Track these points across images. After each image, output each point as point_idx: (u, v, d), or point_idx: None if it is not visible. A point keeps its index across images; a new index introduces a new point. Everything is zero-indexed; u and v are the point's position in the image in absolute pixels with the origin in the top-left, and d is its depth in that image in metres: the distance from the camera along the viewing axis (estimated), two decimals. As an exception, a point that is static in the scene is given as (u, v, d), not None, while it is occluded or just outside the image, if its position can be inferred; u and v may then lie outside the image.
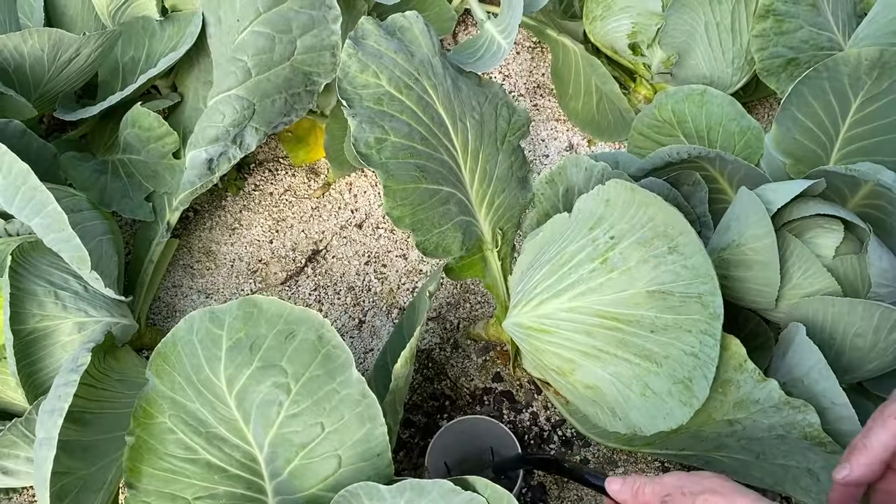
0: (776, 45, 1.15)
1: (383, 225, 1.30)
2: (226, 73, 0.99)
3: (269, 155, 1.37)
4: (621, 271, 0.86)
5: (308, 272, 1.26)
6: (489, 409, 1.12)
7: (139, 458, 0.78)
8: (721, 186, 1.06)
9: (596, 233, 0.90)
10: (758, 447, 0.88)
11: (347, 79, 0.89)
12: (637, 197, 0.89)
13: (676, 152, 0.97)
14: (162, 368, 0.78)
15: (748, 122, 1.10)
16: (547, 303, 0.90)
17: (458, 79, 1.01)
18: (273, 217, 1.31)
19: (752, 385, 0.84)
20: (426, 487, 0.68)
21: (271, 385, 0.75)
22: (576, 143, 1.38)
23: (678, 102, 1.13)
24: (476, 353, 1.17)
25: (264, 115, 1.03)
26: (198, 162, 1.02)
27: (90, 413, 0.87)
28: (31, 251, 0.94)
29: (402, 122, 0.91)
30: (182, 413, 0.78)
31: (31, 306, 0.90)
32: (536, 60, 1.47)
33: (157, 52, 1.18)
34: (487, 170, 1.01)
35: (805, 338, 0.81)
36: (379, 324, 1.21)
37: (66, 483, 0.79)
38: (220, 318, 0.77)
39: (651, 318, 0.85)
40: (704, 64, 1.25)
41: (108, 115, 1.21)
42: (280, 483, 0.78)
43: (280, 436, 0.76)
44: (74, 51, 1.04)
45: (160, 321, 1.24)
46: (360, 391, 0.75)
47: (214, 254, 1.28)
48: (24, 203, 0.88)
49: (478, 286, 1.23)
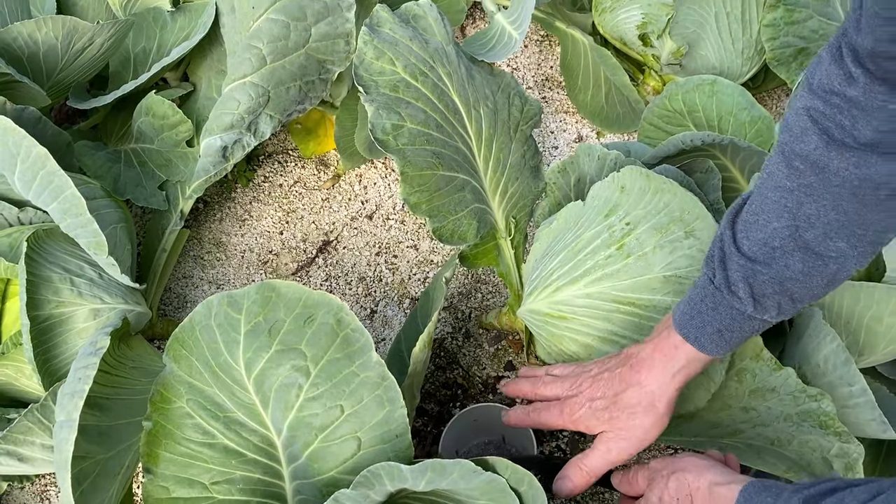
0: (786, 35, 1.16)
1: (394, 216, 1.30)
2: (241, 60, 0.99)
3: (279, 147, 1.37)
4: (637, 257, 0.87)
5: (319, 263, 1.26)
6: (501, 397, 1.12)
7: (156, 443, 0.78)
8: (732, 175, 1.07)
9: (611, 219, 0.90)
10: (772, 434, 0.88)
11: (363, 66, 0.90)
12: (652, 183, 0.89)
13: (690, 139, 0.97)
14: (179, 353, 0.78)
15: (759, 111, 1.10)
16: (563, 289, 0.91)
17: (471, 68, 1.02)
18: (283, 208, 1.31)
19: (769, 373, 0.84)
20: (447, 467, 0.68)
21: (290, 368, 0.76)
22: (585, 135, 1.39)
23: (688, 92, 1.14)
24: (488, 342, 1.17)
25: (279, 103, 1.03)
26: (212, 149, 1.03)
27: (106, 399, 0.87)
28: (47, 238, 0.94)
29: (418, 108, 0.91)
30: (200, 397, 0.78)
31: (46, 293, 0.90)
32: (545, 53, 1.47)
33: (168, 43, 1.18)
34: (501, 158, 1.02)
35: (822, 322, 0.81)
36: (390, 314, 1.22)
37: (84, 467, 0.79)
38: (238, 302, 0.77)
39: (668, 302, 0.86)
40: (714, 54, 1.25)
41: (119, 106, 1.21)
42: (298, 467, 0.78)
43: (299, 419, 0.76)
44: (88, 39, 1.05)
45: (171, 312, 1.24)
46: (379, 374, 0.75)
47: (225, 245, 1.29)
48: (42, 188, 0.88)
49: (489, 276, 1.24)
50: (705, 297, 0.71)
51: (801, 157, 0.62)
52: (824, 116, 0.59)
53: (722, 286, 0.69)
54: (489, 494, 0.72)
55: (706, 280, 0.71)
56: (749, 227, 0.68)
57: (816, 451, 0.85)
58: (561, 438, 1.10)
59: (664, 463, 0.75)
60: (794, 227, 0.64)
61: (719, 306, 0.70)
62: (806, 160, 0.61)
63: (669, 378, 0.75)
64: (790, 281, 0.67)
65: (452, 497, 0.76)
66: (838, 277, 0.67)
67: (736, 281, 0.68)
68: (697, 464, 0.72)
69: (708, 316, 0.71)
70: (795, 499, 0.57)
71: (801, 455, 0.87)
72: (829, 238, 0.63)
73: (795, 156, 0.62)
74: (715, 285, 0.70)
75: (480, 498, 0.73)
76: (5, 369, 0.93)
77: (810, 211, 0.63)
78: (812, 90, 0.60)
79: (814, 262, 0.65)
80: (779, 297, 0.68)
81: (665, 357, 0.75)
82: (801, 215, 0.64)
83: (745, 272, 0.68)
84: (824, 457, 0.84)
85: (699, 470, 0.70)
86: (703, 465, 0.71)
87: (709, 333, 0.72)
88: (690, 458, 0.73)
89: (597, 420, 0.78)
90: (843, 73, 0.57)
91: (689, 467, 0.71)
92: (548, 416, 0.83)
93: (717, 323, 0.71)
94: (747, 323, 0.71)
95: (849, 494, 0.55)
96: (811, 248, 0.65)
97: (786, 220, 0.65)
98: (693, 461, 0.72)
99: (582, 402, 0.79)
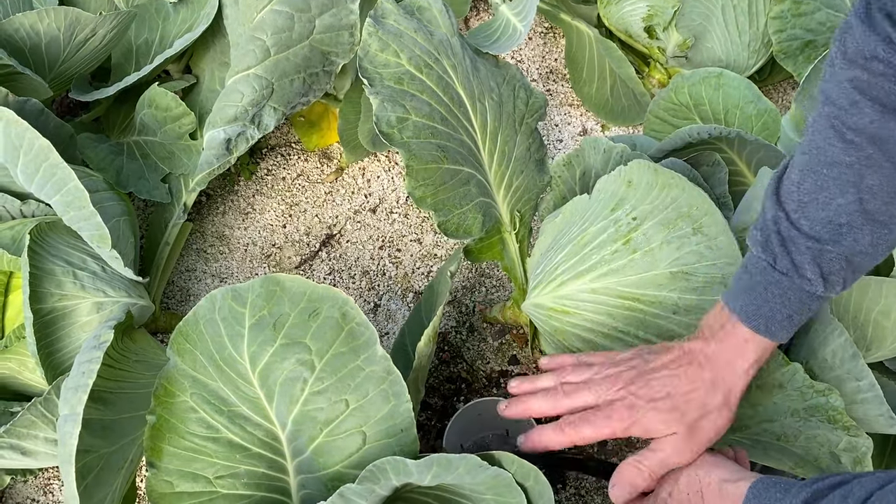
0: (793, 28, 1.15)
1: (397, 209, 1.29)
2: (244, 52, 0.98)
3: (282, 140, 1.36)
4: (644, 252, 0.86)
5: (322, 256, 1.26)
6: (506, 391, 1.12)
7: (160, 437, 0.77)
8: (739, 168, 1.06)
9: (618, 214, 0.90)
10: (779, 429, 0.87)
11: (368, 57, 0.89)
12: (660, 178, 0.89)
13: (696, 132, 0.97)
14: (183, 347, 0.78)
15: (765, 104, 1.10)
16: (568, 284, 0.90)
17: (476, 60, 1.01)
18: (286, 202, 1.30)
19: (776, 368, 0.84)
20: (453, 462, 0.68)
21: (295, 362, 0.75)
22: (589, 128, 1.38)
23: (695, 85, 1.13)
24: (492, 336, 1.16)
25: (283, 95, 1.02)
26: (216, 142, 1.02)
27: (109, 392, 0.87)
28: (49, 231, 0.94)
29: (422, 101, 0.90)
30: (204, 391, 0.78)
31: (49, 286, 0.90)
32: (549, 45, 1.47)
33: (170, 35, 1.17)
34: (506, 151, 1.01)
35: (829, 316, 0.80)
36: (394, 307, 1.21)
37: (88, 461, 0.79)
38: (242, 295, 0.77)
39: (674, 299, 0.85)
40: (720, 47, 1.24)
41: (122, 98, 1.20)
42: (302, 461, 0.78)
43: (304, 413, 0.76)
44: (90, 31, 1.04)
45: (174, 305, 1.23)
46: (384, 368, 0.75)
47: (228, 238, 1.28)
48: (45, 180, 0.87)
49: (493, 270, 1.23)
50: (770, 285, 0.69)
51: (856, 131, 0.61)
52: (870, 86, 0.58)
53: (790, 271, 0.67)
54: (495, 489, 0.72)
55: (767, 267, 0.69)
56: (806, 207, 0.66)
57: (824, 446, 0.84)
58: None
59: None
60: (860, 201, 0.63)
61: (788, 291, 0.68)
62: (862, 133, 0.61)
63: (743, 373, 0.72)
64: (859, 255, 0.66)
65: (458, 492, 0.76)
66: (890, 240, 0.66)
67: (803, 263, 0.67)
68: (707, 460, 0.71)
69: (777, 303, 0.69)
70: (805, 493, 0.57)
71: (807, 450, 0.86)
72: (891, 204, 0.63)
73: (849, 129, 0.61)
74: (780, 271, 0.68)
75: (486, 493, 0.73)
76: (8, 363, 0.93)
77: (873, 182, 0.62)
78: (849, 59, 0.59)
79: (880, 231, 0.65)
80: (845, 273, 0.67)
81: (736, 352, 0.72)
82: (864, 188, 0.63)
83: (813, 253, 0.66)
84: (832, 451, 0.84)
85: (709, 466, 0.70)
86: (713, 461, 0.71)
87: (779, 321, 0.70)
88: (701, 455, 0.73)
89: (663, 423, 0.72)
90: (881, 38, 0.56)
91: (700, 464, 0.71)
92: (592, 427, 0.73)
93: (787, 309, 0.69)
94: (815, 303, 0.69)
95: (857, 485, 0.55)
96: (876, 219, 0.64)
97: (851, 196, 0.64)
98: (703, 458, 0.72)
99: (639, 404, 0.72)
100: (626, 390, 0.73)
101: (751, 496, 0.62)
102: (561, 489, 1.06)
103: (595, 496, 1.06)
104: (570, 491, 1.06)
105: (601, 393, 0.74)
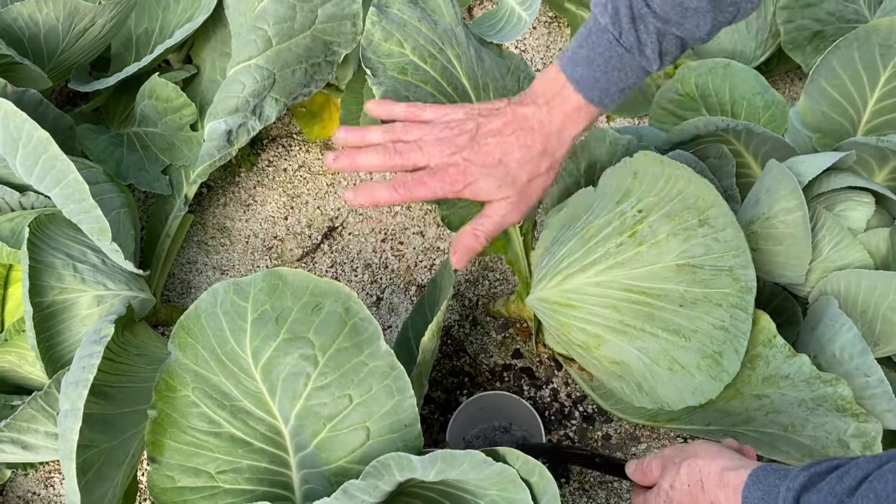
0: (802, 18, 1.13)
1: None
2: (246, 42, 0.97)
3: (283, 131, 1.35)
4: (650, 245, 0.85)
5: (324, 249, 1.25)
6: (509, 385, 1.11)
7: (161, 432, 0.77)
8: (746, 161, 1.05)
9: (623, 206, 0.88)
10: (786, 420, 0.87)
11: (371, 47, 0.87)
12: (666, 170, 0.87)
13: (704, 125, 0.95)
14: (185, 341, 0.77)
15: (773, 95, 1.08)
16: (573, 277, 0.89)
17: (480, 49, 1.00)
18: (288, 193, 1.29)
19: (782, 360, 0.83)
20: (458, 458, 0.67)
21: (298, 357, 0.74)
22: (594, 120, 1.37)
23: (701, 76, 1.11)
24: (496, 329, 1.16)
25: (284, 86, 1.01)
26: (217, 133, 1.01)
27: (110, 387, 0.86)
28: (49, 223, 0.93)
29: (426, 92, 0.89)
30: (205, 386, 0.77)
31: (49, 279, 0.89)
32: (553, 35, 1.45)
33: (171, 24, 1.16)
34: (510, 143, 1.00)
35: (838, 311, 0.80)
36: (397, 301, 1.20)
37: (89, 456, 0.78)
38: (244, 289, 0.76)
39: (680, 291, 0.84)
40: (727, 37, 1.23)
41: (122, 89, 1.19)
42: (305, 456, 0.77)
43: (307, 408, 0.75)
44: (89, 20, 1.02)
45: (175, 297, 1.23)
46: (388, 363, 0.74)
47: (229, 230, 1.27)
48: (44, 173, 0.86)
49: (497, 264, 1.22)
50: (611, 58, 0.70)
51: None
52: None
53: (633, 47, 0.69)
54: (499, 485, 0.71)
55: (612, 40, 0.70)
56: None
57: (832, 434, 0.83)
58: (569, 427, 1.09)
59: (677, 451, 0.74)
60: None
61: (627, 66, 0.70)
62: None
63: (570, 139, 0.75)
64: (693, 40, 0.69)
65: (462, 487, 0.75)
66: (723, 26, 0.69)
67: (647, 42, 0.68)
68: (709, 450, 0.71)
69: (614, 76, 0.71)
70: (803, 476, 0.57)
71: (815, 439, 0.86)
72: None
73: None
74: (623, 46, 0.69)
75: (490, 488, 0.72)
76: (8, 356, 0.92)
77: None
78: None
79: (721, 18, 0.67)
80: (675, 54, 0.70)
81: (569, 120, 0.74)
82: None
83: (659, 33, 0.68)
84: (840, 438, 0.83)
85: (710, 456, 0.70)
86: (715, 451, 0.71)
87: (612, 93, 0.72)
88: (703, 445, 0.72)
89: (497, 188, 0.74)
90: None
91: (701, 453, 0.71)
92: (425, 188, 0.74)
93: (622, 83, 0.71)
94: (643, 79, 0.72)
95: (854, 466, 0.55)
96: (723, 7, 0.66)
97: None
98: (705, 448, 0.72)
99: (472, 169, 0.73)
100: (460, 156, 0.74)
101: (750, 482, 0.62)
102: (565, 483, 1.06)
103: (599, 491, 1.06)
104: (574, 486, 1.06)
105: (434, 155, 0.74)
